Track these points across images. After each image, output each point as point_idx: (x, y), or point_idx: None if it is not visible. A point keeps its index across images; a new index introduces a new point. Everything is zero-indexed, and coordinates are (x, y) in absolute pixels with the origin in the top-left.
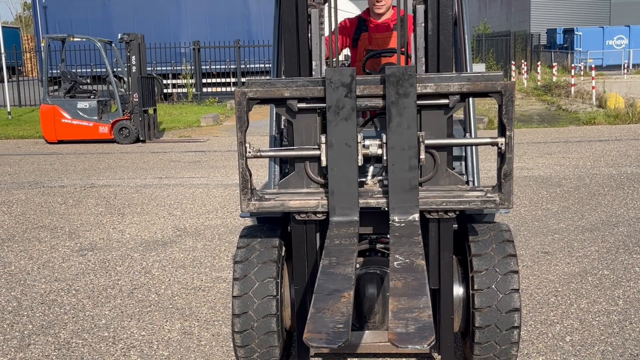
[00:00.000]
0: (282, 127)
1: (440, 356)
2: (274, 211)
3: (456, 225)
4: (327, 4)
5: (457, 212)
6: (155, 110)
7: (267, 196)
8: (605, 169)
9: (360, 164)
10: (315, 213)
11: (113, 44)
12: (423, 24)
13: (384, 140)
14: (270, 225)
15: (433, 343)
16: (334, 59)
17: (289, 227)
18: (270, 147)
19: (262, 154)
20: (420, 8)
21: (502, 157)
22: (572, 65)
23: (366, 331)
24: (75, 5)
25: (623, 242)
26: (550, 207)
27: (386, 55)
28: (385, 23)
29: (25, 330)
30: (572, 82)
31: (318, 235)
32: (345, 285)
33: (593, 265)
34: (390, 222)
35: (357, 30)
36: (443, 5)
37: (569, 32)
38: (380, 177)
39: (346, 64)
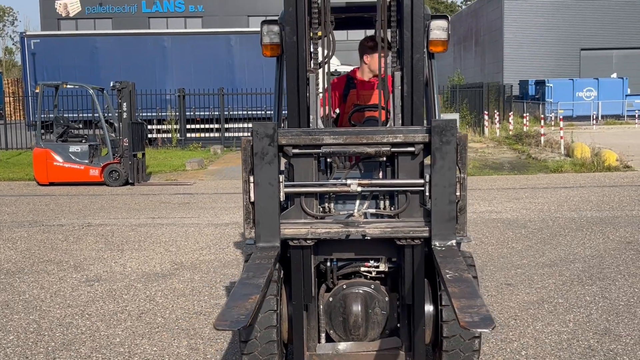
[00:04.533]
0: (284, 167)
1: None
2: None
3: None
4: (321, 70)
5: (422, 240)
6: (143, 154)
7: None
8: (567, 212)
9: (282, 200)
10: (305, 240)
11: (105, 91)
12: (400, 87)
13: (427, 180)
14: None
15: (495, 327)
16: (327, 115)
17: (287, 253)
18: None
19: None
20: (398, 74)
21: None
22: (542, 115)
23: (350, 342)
24: (63, 52)
25: (577, 276)
26: (515, 246)
27: (370, 110)
28: (371, 82)
29: (48, 347)
30: (542, 132)
31: (312, 259)
32: (254, 291)
33: (550, 295)
34: (432, 246)
35: (346, 87)
36: (416, 73)
37: (540, 84)
38: (365, 210)
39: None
